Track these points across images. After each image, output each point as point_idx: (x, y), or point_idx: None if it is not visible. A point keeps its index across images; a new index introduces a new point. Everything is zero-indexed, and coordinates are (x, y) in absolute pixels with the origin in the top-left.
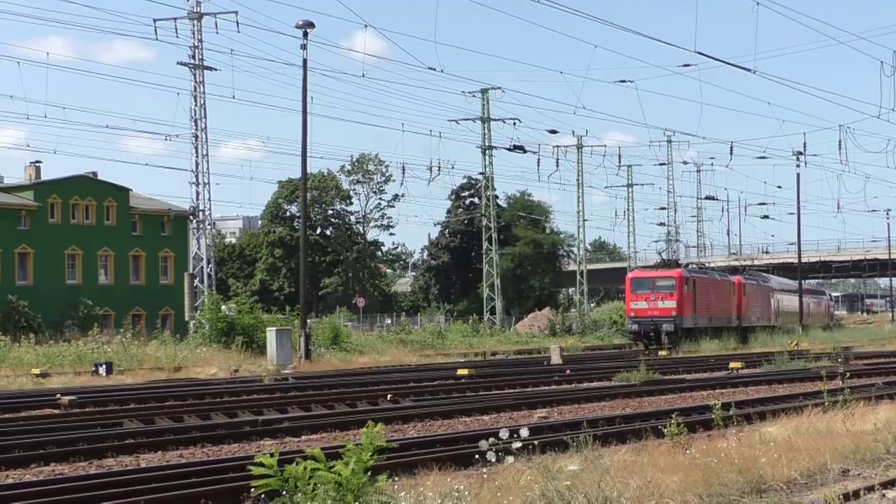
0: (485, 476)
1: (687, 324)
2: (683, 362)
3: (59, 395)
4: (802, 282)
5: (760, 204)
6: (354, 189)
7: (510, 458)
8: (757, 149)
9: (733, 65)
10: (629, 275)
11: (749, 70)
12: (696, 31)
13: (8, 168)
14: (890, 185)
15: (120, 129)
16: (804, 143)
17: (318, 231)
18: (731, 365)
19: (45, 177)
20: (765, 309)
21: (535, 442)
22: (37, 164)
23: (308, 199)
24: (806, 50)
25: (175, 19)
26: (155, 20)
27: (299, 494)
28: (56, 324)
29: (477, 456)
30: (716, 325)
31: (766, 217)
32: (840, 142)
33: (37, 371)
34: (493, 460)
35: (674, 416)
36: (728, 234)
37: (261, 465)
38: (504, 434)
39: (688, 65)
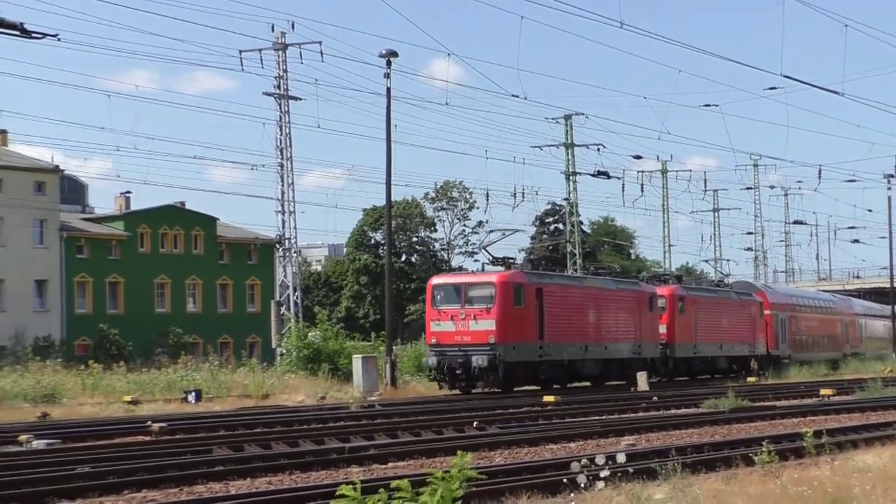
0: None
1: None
2: (773, 389)
3: (149, 423)
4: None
5: (850, 228)
6: (439, 216)
7: (600, 484)
8: (846, 172)
9: (821, 87)
10: (432, 280)
11: (837, 93)
12: (782, 54)
13: (98, 199)
14: None
15: (206, 158)
16: (895, 166)
17: (403, 258)
18: (822, 392)
19: (134, 207)
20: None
21: (627, 469)
22: (126, 195)
23: (393, 226)
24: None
25: (260, 50)
26: (241, 51)
27: None
28: (146, 351)
29: (565, 481)
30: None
31: (856, 241)
32: None
33: (128, 398)
34: (583, 486)
35: (764, 443)
36: (817, 258)
37: (343, 496)
38: (600, 460)
39: (774, 88)
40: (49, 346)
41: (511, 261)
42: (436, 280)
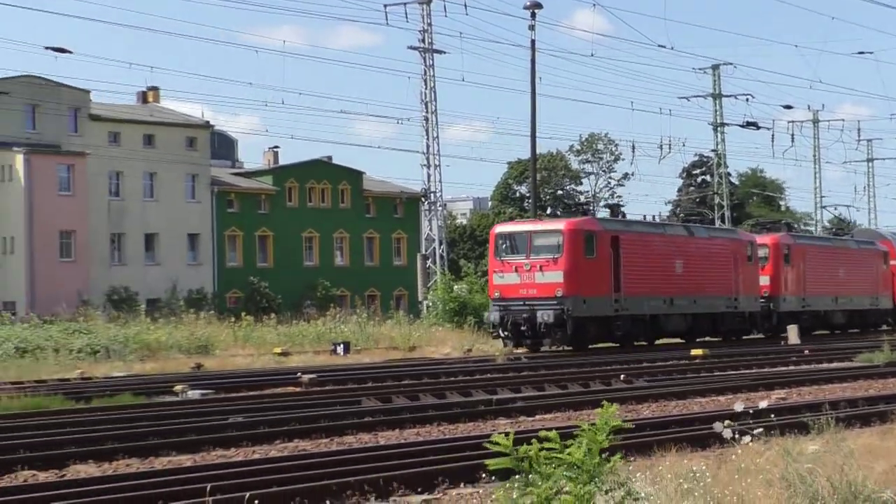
0: (721, 457)
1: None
2: None
3: (299, 374)
4: None
5: None
6: (584, 168)
7: (747, 438)
8: None
9: None
10: (495, 228)
11: None
12: None
13: (247, 153)
14: None
15: (352, 113)
16: None
17: (548, 211)
18: None
19: (282, 161)
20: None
21: (774, 422)
22: (275, 150)
23: (537, 179)
24: None
25: (405, 4)
26: (385, 6)
27: (534, 475)
28: (295, 304)
29: (714, 437)
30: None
31: None
32: None
33: (278, 350)
34: (730, 439)
35: None
36: None
37: (496, 443)
38: (739, 407)
39: None
40: (202, 298)
41: (586, 207)
42: (499, 228)
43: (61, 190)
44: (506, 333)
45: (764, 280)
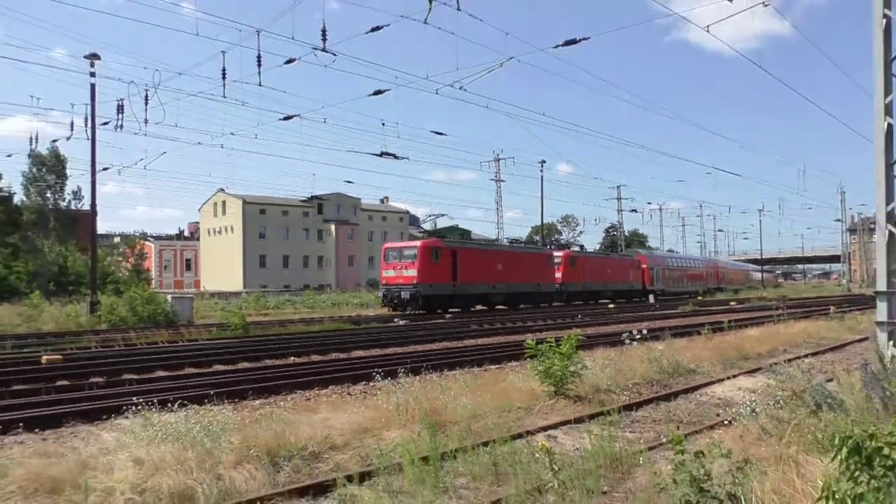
0: (622, 351)
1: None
2: (702, 304)
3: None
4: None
5: None
6: (563, 229)
7: (634, 343)
8: None
9: None
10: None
11: None
12: None
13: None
14: None
15: None
16: None
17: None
18: (730, 303)
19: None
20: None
21: (646, 336)
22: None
23: (545, 233)
24: None
25: None
26: None
27: (544, 357)
28: None
29: (620, 341)
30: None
31: None
32: None
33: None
34: (627, 343)
35: (706, 325)
36: None
37: (529, 345)
38: (633, 330)
39: None
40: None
41: (441, 236)
42: (386, 246)
43: (349, 239)
44: (388, 303)
45: (559, 275)
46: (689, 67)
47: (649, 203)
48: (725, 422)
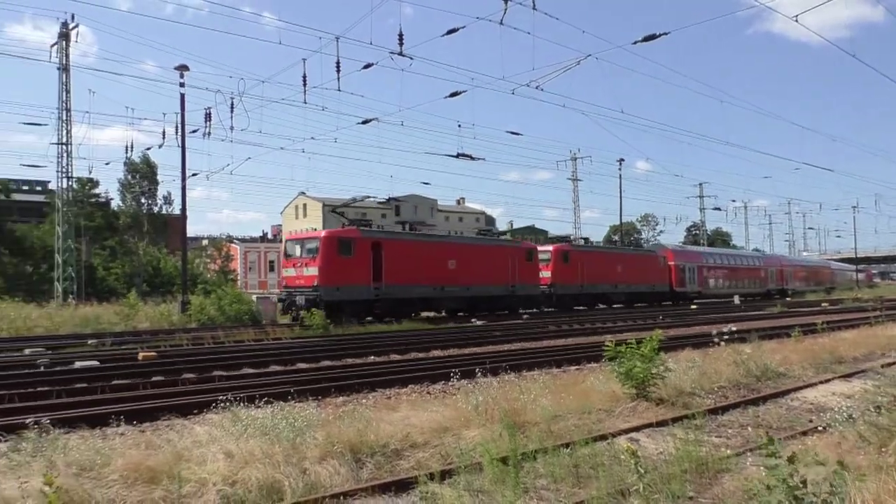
0: (707, 352)
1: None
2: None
3: (524, 314)
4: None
5: None
6: (642, 227)
7: (722, 344)
8: None
9: None
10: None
11: None
12: None
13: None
14: None
15: None
16: None
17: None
18: (822, 304)
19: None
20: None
21: (733, 337)
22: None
23: (623, 232)
24: None
25: None
26: None
27: (623, 359)
28: None
29: (705, 342)
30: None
31: None
32: None
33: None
34: (715, 343)
35: (796, 327)
36: None
37: (608, 345)
38: (722, 329)
39: None
40: None
41: (368, 221)
42: (286, 238)
43: None
44: (287, 311)
45: (546, 274)
46: (773, 59)
47: (733, 201)
48: (819, 428)
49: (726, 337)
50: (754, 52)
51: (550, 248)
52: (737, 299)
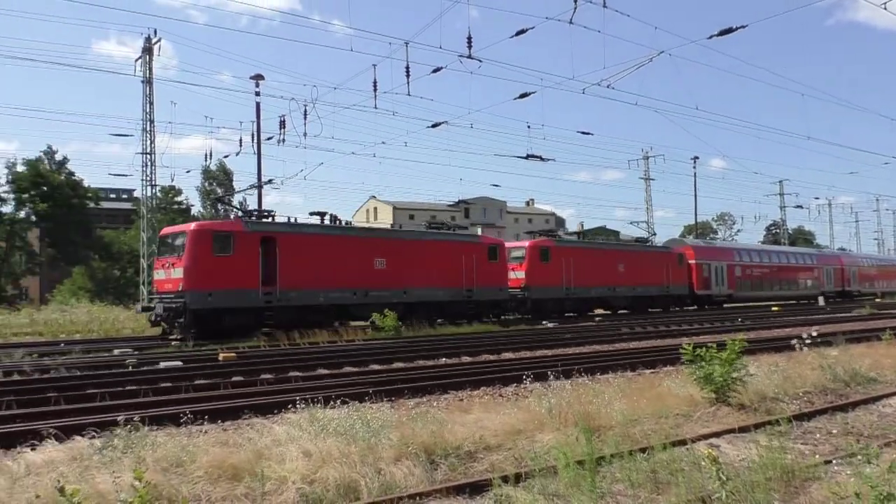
0: (790, 356)
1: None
2: (883, 306)
3: (598, 317)
4: None
5: None
6: (717, 227)
7: (805, 349)
8: None
9: None
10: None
11: None
12: None
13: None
14: None
15: None
16: None
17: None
18: None
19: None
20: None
21: (817, 340)
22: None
23: (699, 232)
24: None
25: None
26: None
27: (703, 362)
28: None
29: (786, 346)
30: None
31: None
32: None
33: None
34: (796, 348)
35: (887, 329)
36: None
37: (685, 348)
38: (804, 334)
39: None
40: None
41: (272, 213)
42: (161, 233)
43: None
44: (164, 325)
45: (519, 274)
46: (858, 50)
47: (816, 198)
48: None
49: (808, 341)
50: (836, 42)
51: (525, 244)
52: (821, 300)
